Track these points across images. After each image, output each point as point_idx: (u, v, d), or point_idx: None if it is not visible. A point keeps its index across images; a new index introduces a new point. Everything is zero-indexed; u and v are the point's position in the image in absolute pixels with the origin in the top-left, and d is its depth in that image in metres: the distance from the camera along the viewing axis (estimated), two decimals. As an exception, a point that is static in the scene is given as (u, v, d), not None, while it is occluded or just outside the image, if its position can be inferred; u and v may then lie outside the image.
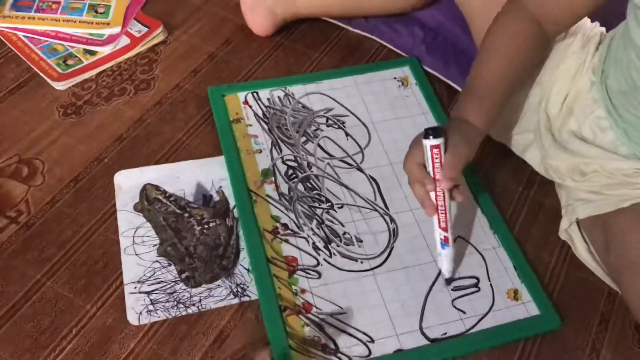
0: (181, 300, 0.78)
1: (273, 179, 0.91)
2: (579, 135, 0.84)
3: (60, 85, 1.02)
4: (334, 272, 0.82)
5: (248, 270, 0.81)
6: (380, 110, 1.02)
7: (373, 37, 1.15)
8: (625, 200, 0.77)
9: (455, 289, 0.81)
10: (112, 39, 1.08)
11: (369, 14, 1.15)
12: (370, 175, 0.93)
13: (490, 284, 0.82)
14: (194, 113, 1.00)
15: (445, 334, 0.77)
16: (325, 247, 0.84)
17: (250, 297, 0.79)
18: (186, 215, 0.84)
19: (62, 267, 0.81)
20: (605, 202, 0.79)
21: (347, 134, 0.98)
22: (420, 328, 0.77)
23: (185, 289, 0.79)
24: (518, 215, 0.91)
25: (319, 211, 0.88)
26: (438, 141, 0.72)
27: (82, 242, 0.83)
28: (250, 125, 0.97)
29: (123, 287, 0.79)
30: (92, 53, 1.07)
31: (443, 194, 0.74)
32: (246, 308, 0.78)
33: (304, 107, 1.01)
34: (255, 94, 1.02)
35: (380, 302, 0.79)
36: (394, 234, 0.86)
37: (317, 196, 0.90)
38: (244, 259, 0.82)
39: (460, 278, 0.82)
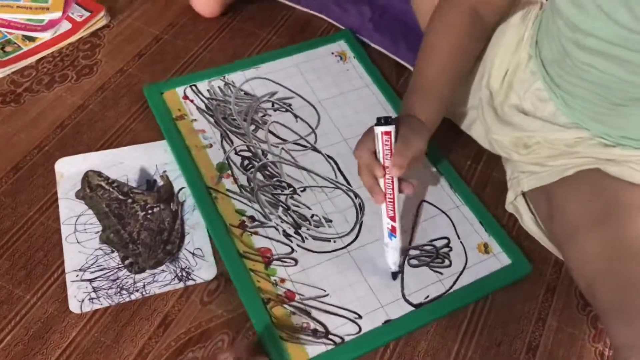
0: (124, 287, 0.77)
1: (229, 172, 0.89)
2: (520, 109, 0.84)
3: (-2, 73, 0.99)
4: (309, 256, 0.81)
5: (193, 254, 0.80)
6: (325, 87, 1.01)
7: (322, 15, 1.13)
8: (567, 169, 0.77)
9: (430, 251, 0.82)
10: (52, 24, 1.05)
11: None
12: (326, 154, 0.92)
13: (461, 242, 0.84)
14: (138, 98, 0.98)
15: (428, 297, 0.78)
16: (296, 232, 0.83)
17: (195, 280, 0.78)
18: (129, 201, 0.82)
19: (1, 257, 0.79)
20: (549, 173, 0.79)
21: (295, 116, 0.97)
22: (403, 295, 0.78)
23: (128, 275, 0.78)
24: (466, 189, 0.91)
25: (282, 198, 0.87)
26: (389, 128, 0.72)
27: (22, 232, 0.81)
28: (195, 120, 0.94)
29: (65, 275, 0.77)
30: (32, 39, 1.04)
31: (392, 182, 0.73)
32: (191, 292, 0.77)
33: (246, 94, 0.99)
34: (194, 87, 0.99)
35: (360, 277, 0.79)
36: (361, 209, 0.86)
37: (278, 183, 0.88)
38: (189, 243, 0.81)
39: (432, 240, 0.83)
